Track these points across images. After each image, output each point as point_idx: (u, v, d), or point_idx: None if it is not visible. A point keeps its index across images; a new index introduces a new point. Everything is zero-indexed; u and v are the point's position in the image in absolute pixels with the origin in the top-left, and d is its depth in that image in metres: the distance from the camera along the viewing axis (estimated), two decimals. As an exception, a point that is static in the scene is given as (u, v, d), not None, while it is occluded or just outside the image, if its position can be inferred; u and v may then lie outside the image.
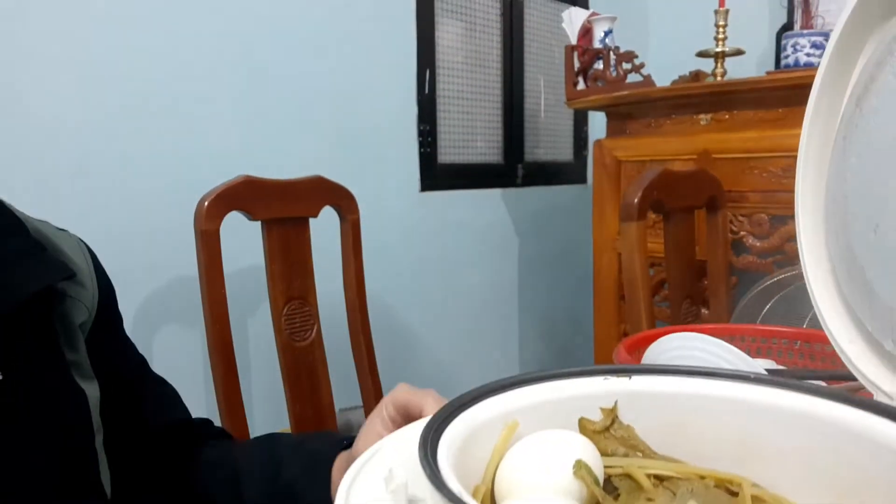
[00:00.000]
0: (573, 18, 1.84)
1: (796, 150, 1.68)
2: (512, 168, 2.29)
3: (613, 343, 1.91)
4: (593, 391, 0.36)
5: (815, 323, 0.94)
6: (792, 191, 1.59)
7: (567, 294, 2.47)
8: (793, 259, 1.57)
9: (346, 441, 0.58)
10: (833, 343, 0.44)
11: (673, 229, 1.28)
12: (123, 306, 0.70)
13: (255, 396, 1.55)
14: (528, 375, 0.36)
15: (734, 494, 0.31)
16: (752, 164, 1.60)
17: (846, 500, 0.31)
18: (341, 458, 0.56)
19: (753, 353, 0.80)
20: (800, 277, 1.08)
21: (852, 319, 0.43)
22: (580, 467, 0.30)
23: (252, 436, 1.17)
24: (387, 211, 1.86)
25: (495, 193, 2.22)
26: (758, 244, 1.63)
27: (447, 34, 2.04)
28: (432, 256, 2.03)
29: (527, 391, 0.35)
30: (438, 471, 0.25)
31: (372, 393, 1.36)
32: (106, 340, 0.60)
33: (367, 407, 1.37)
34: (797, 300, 1.00)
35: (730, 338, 0.75)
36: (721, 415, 0.36)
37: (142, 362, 0.67)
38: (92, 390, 0.56)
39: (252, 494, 0.60)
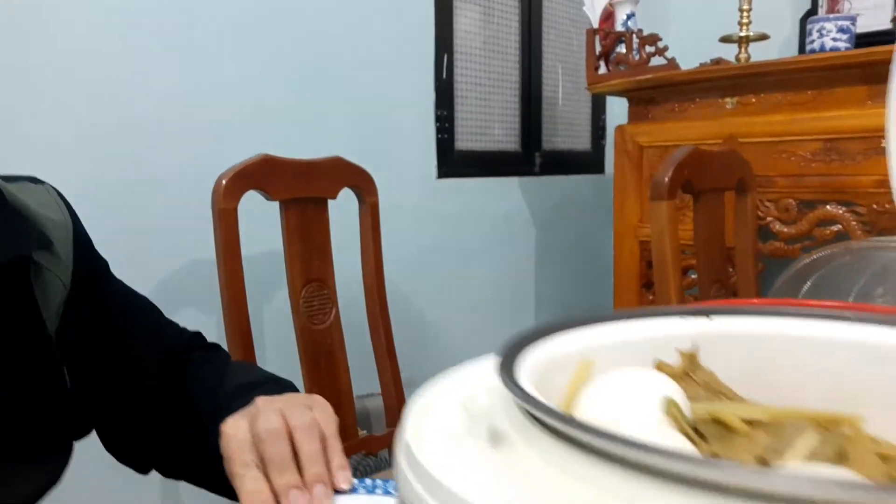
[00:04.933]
0: (595, 2, 1.80)
1: (826, 133, 1.62)
2: (529, 156, 2.25)
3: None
4: (670, 332, 0.33)
5: (861, 299, 0.90)
6: (822, 175, 1.53)
7: (584, 283, 2.43)
8: (821, 244, 1.53)
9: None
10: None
11: (703, 211, 1.24)
12: (139, 289, 0.67)
13: (272, 382, 1.52)
14: (600, 315, 0.33)
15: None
16: (780, 148, 1.56)
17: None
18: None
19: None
20: (835, 257, 1.04)
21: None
22: (671, 405, 0.27)
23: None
24: (403, 197, 1.84)
25: (512, 182, 2.19)
26: (785, 230, 1.59)
27: (465, 19, 2.01)
28: (449, 244, 2.00)
29: (599, 330, 0.32)
30: (533, 396, 0.21)
31: (390, 377, 1.33)
32: (86, 311, 0.56)
33: (385, 393, 1.34)
34: (836, 280, 0.95)
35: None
36: (808, 356, 0.33)
37: (127, 306, 0.63)
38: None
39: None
